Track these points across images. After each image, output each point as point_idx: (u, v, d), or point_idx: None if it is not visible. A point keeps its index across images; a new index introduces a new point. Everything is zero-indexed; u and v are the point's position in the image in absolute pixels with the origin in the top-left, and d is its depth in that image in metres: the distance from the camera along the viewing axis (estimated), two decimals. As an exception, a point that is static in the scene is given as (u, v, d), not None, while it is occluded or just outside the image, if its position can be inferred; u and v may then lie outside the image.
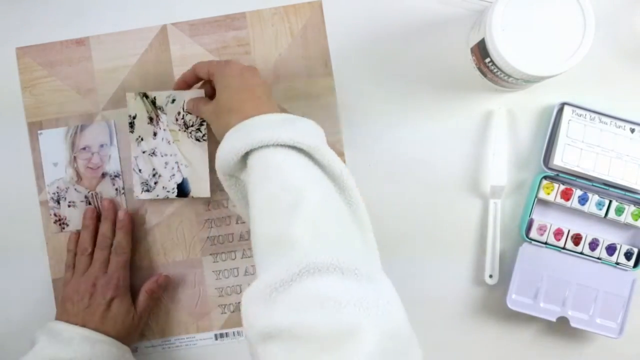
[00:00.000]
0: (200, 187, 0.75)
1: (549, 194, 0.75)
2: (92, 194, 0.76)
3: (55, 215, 0.76)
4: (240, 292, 0.76)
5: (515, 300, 0.75)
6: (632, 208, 0.75)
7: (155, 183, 0.75)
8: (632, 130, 0.74)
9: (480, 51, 0.70)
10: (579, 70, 0.67)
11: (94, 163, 0.76)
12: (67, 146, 0.76)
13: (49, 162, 0.76)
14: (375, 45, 0.77)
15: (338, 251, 0.51)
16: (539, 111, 0.77)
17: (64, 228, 0.76)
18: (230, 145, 0.59)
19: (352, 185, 0.58)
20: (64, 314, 0.71)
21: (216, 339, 0.77)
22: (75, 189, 0.76)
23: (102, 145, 0.76)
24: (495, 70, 0.70)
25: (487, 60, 0.69)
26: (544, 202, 0.76)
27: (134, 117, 0.75)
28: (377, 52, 0.77)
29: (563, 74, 0.65)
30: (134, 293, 0.74)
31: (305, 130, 0.59)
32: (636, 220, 0.75)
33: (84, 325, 0.69)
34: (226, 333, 0.77)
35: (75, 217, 0.76)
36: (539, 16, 0.64)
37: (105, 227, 0.74)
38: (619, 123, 0.74)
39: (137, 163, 0.75)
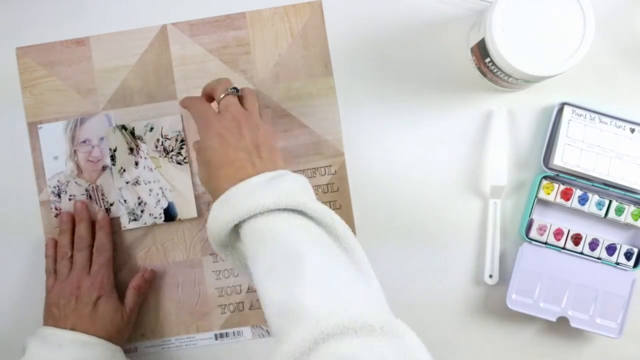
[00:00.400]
0: (187, 209, 0.77)
1: (549, 194, 0.75)
2: (92, 187, 0.77)
3: (56, 209, 0.77)
4: (240, 292, 0.77)
5: (515, 300, 0.76)
6: (632, 208, 0.75)
7: (142, 211, 0.77)
8: (632, 130, 0.75)
9: (480, 51, 0.71)
10: (579, 70, 0.68)
11: (94, 156, 0.77)
12: (67, 139, 0.77)
13: (50, 155, 0.77)
14: (375, 45, 0.78)
15: (345, 310, 0.51)
16: (539, 111, 0.78)
17: None
18: (218, 219, 0.59)
19: (345, 231, 0.59)
20: (50, 319, 0.71)
21: (216, 338, 0.78)
22: (76, 182, 0.77)
23: (102, 138, 0.77)
24: (495, 70, 0.71)
25: (487, 60, 0.70)
26: (544, 202, 0.77)
27: (115, 150, 0.77)
28: (377, 52, 0.78)
29: (563, 74, 0.66)
30: (123, 292, 0.75)
31: (290, 187, 0.59)
32: (636, 220, 0.75)
33: (73, 329, 0.70)
34: (226, 333, 0.77)
35: None
36: (539, 16, 0.65)
37: (81, 229, 0.75)
38: (619, 123, 0.75)
39: (122, 194, 0.77)
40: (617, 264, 0.76)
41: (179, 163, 0.77)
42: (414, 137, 0.78)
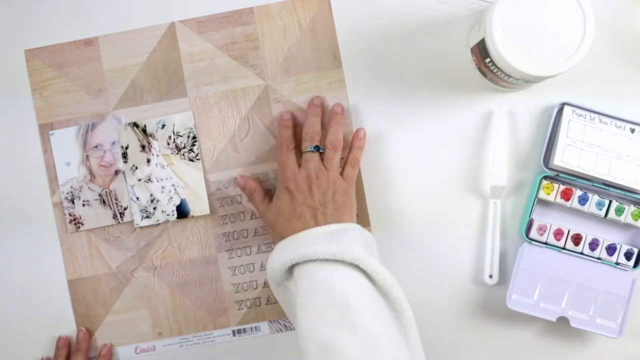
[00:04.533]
0: (199, 206, 0.86)
1: (549, 194, 0.82)
2: (105, 191, 0.86)
3: (70, 215, 0.85)
4: (257, 287, 0.87)
5: (515, 300, 0.82)
6: (632, 208, 0.81)
7: (154, 208, 0.86)
8: (632, 130, 0.81)
9: (480, 51, 0.77)
10: (579, 70, 0.74)
11: (106, 161, 0.86)
12: (79, 145, 0.85)
13: (62, 162, 0.85)
14: (377, 43, 0.86)
15: None
16: (539, 111, 0.85)
17: (79, 227, 0.86)
18: (278, 258, 0.74)
19: (397, 293, 0.70)
20: None
21: (234, 335, 0.87)
22: (89, 188, 0.86)
23: (113, 143, 0.86)
24: (495, 70, 0.76)
25: (487, 60, 0.76)
26: (544, 202, 0.83)
27: (126, 147, 0.85)
28: (380, 51, 0.86)
29: (563, 74, 0.72)
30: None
31: (350, 242, 0.72)
32: (636, 220, 0.82)
33: None
34: (244, 329, 0.87)
35: (90, 216, 0.86)
36: (539, 16, 0.70)
37: None
38: (619, 123, 0.81)
39: (134, 191, 0.86)
40: (617, 264, 0.82)
41: (191, 160, 0.86)
42: (413, 136, 0.86)
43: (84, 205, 0.87)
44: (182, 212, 0.87)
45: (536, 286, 0.83)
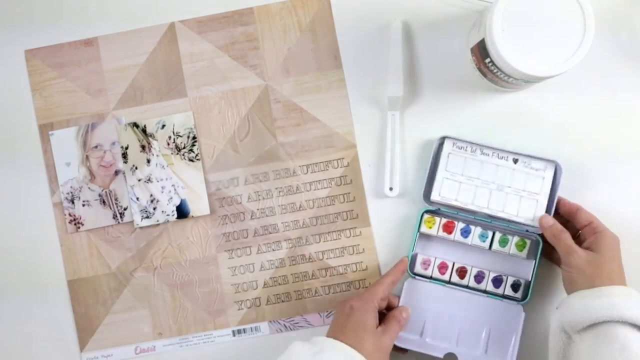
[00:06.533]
0: (199, 206, 0.88)
1: (430, 227, 0.83)
2: (106, 192, 0.88)
3: (70, 215, 0.87)
4: (257, 287, 0.88)
5: (400, 337, 0.81)
6: (516, 239, 0.82)
7: (154, 209, 0.88)
8: (515, 161, 0.83)
9: (480, 51, 0.78)
10: (579, 70, 0.75)
11: (106, 161, 0.88)
12: (79, 145, 0.87)
13: (62, 162, 0.87)
14: (377, 46, 0.88)
15: None
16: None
17: (79, 227, 0.87)
18: (590, 307, 0.71)
19: None
20: None
21: (234, 335, 0.88)
22: (89, 188, 0.88)
23: (113, 143, 0.87)
24: (495, 71, 0.77)
25: (487, 60, 0.77)
26: (426, 236, 0.84)
27: (126, 148, 0.87)
28: (379, 52, 0.88)
29: (563, 74, 0.73)
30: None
31: None
32: (521, 251, 0.82)
33: None
34: (244, 329, 0.88)
35: (90, 216, 0.87)
36: (539, 16, 0.72)
37: None
38: (502, 154, 0.82)
39: (134, 192, 0.87)
40: (504, 296, 0.82)
41: (191, 160, 0.87)
42: (413, 137, 0.88)
43: (84, 205, 0.88)
44: (182, 212, 0.88)
45: (422, 322, 0.83)
